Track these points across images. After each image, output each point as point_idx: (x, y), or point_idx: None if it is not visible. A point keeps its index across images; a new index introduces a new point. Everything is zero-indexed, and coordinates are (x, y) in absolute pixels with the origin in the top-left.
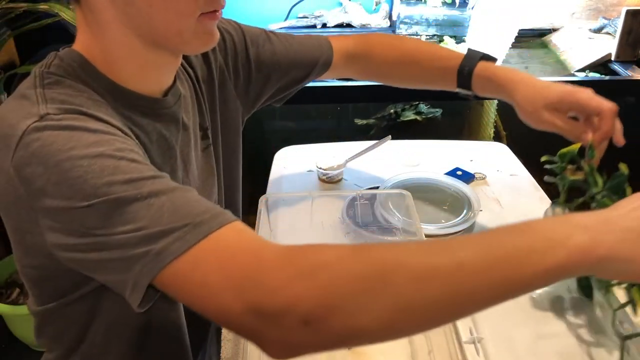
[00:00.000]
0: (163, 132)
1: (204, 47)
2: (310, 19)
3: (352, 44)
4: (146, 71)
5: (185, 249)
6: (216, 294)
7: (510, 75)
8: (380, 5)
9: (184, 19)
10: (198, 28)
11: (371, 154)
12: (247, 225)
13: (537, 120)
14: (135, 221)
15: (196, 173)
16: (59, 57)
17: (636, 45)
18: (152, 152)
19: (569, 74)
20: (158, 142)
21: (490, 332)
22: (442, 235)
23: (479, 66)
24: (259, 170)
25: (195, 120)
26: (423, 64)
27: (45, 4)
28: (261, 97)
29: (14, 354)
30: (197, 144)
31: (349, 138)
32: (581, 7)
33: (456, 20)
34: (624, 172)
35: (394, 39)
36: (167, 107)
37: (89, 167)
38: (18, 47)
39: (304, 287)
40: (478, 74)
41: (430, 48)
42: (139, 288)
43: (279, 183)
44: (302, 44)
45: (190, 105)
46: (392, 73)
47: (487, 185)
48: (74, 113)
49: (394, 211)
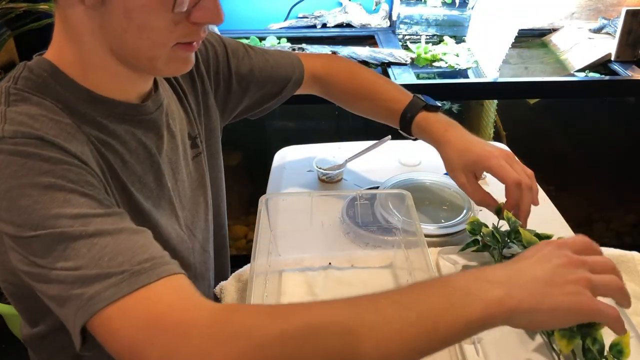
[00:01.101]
0: (143, 139)
1: (175, 73)
2: (310, 19)
3: (319, 66)
4: (121, 80)
5: (118, 298)
6: (141, 350)
7: (441, 132)
8: (380, 5)
9: (157, 48)
10: (171, 56)
11: (371, 154)
12: (186, 279)
13: (453, 179)
14: (76, 259)
15: (187, 182)
16: (28, 67)
17: (636, 45)
18: (130, 162)
19: (568, 74)
20: (137, 151)
21: (490, 333)
22: (442, 235)
23: (419, 116)
24: (259, 170)
25: (184, 129)
26: (374, 101)
27: (45, 4)
28: (238, 107)
29: (14, 354)
30: (187, 152)
31: (349, 138)
32: (581, 7)
33: (456, 20)
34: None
35: (354, 70)
36: (147, 113)
37: (38, 197)
38: (18, 47)
39: (224, 355)
40: (417, 123)
41: (383, 86)
42: (75, 330)
43: (279, 183)
44: (276, 61)
45: (176, 114)
46: (347, 103)
47: (487, 185)
48: (30, 138)
49: (393, 211)
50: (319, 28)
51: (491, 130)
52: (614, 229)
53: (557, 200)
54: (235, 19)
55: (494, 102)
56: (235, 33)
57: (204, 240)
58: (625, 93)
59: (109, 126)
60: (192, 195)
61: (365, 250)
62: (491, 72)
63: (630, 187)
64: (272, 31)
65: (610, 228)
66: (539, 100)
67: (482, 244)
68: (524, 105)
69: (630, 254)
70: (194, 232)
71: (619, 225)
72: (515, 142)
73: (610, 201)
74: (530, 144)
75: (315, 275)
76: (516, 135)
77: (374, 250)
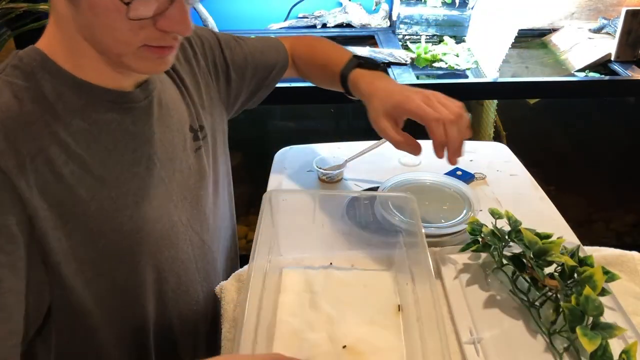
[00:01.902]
0: (130, 128)
1: (148, 72)
2: (310, 19)
3: (290, 45)
4: (106, 69)
5: None
6: None
7: (368, 85)
8: (380, 5)
9: (122, 47)
10: (139, 55)
11: (371, 154)
12: None
13: (376, 128)
14: None
15: (186, 173)
16: (18, 56)
17: (636, 45)
18: (115, 152)
19: (568, 74)
20: (124, 140)
21: (490, 333)
22: (442, 235)
23: (353, 73)
24: (259, 170)
25: (184, 121)
26: (325, 68)
27: (45, 4)
28: (239, 97)
29: None
30: (187, 144)
31: (349, 138)
32: (581, 7)
33: (456, 20)
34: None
35: (312, 44)
36: (135, 101)
37: None
38: (18, 47)
39: None
40: (351, 81)
41: (331, 52)
42: None
43: (279, 183)
44: (264, 46)
45: (176, 105)
46: (312, 78)
47: (487, 185)
48: None
49: (394, 212)
50: (319, 28)
51: (491, 130)
52: (614, 229)
53: (557, 200)
54: (235, 19)
55: (494, 102)
56: (235, 33)
57: (203, 232)
58: (625, 93)
59: (92, 115)
60: (194, 187)
61: (366, 250)
62: (491, 72)
63: (630, 187)
64: (272, 31)
65: (610, 228)
66: (539, 100)
67: (482, 244)
68: (524, 105)
69: (630, 254)
70: (192, 224)
71: (619, 225)
72: (515, 142)
73: (610, 201)
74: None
75: (315, 274)
76: (516, 135)
77: (374, 250)
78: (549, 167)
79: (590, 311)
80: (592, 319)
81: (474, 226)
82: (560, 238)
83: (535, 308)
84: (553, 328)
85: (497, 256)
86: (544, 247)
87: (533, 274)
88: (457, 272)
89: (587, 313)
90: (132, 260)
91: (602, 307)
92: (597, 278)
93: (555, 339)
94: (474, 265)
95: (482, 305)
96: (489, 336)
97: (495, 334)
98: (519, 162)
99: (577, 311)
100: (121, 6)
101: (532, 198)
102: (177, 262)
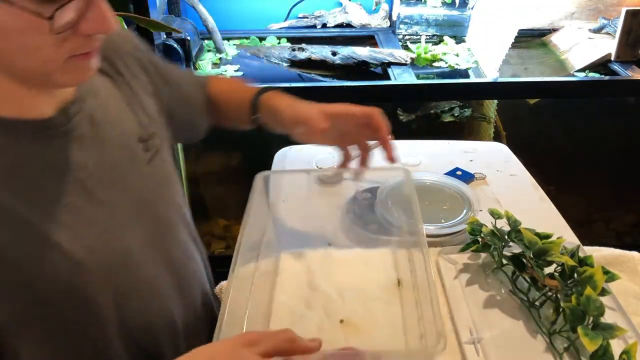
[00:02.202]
0: (54, 157)
1: (75, 84)
2: (310, 19)
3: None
4: (21, 97)
5: None
6: None
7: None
8: (380, 5)
9: (48, 65)
10: (67, 68)
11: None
12: None
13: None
14: None
15: (138, 188)
16: None
17: (636, 45)
18: (45, 184)
19: (568, 74)
20: (48, 172)
21: (490, 332)
22: (442, 235)
23: (265, 95)
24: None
25: (131, 133)
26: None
27: None
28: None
29: None
30: (137, 158)
31: None
32: (581, 7)
33: (456, 20)
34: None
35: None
36: (58, 126)
37: None
38: None
39: None
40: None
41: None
42: None
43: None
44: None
45: (121, 117)
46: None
47: (487, 185)
48: None
49: (394, 211)
50: (319, 28)
51: (491, 130)
52: (614, 229)
53: (557, 200)
54: (235, 19)
55: (494, 102)
56: (236, 33)
57: (172, 246)
58: (625, 93)
59: (17, 149)
60: (152, 200)
61: (366, 250)
62: (491, 72)
63: (630, 187)
64: (272, 31)
65: (610, 228)
66: (539, 100)
67: (482, 244)
68: (524, 105)
69: (630, 254)
70: (153, 242)
71: (619, 225)
72: (515, 142)
73: (610, 201)
74: (530, 144)
75: (313, 255)
76: (516, 135)
77: (374, 249)
78: (549, 167)
79: (591, 311)
80: (593, 319)
81: (474, 226)
82: (560, 238)
83: (535, 308)
84: (553, 328)
85: (497, 256)
86: (544, 247)
87: (533, 274)
88: (457, 272)
89: (588, 313)
90: (80, 298)
91: (603, 307)
92: (597, 278)
93: (555, 339)
94: (474, 265)
95: (482, 305)
96: (489, 336)
97: (495, 334)
98: (518, 162)
99: (578, 311)
100: (41, 23)
101: (532, 198)
102: (141, 284)
